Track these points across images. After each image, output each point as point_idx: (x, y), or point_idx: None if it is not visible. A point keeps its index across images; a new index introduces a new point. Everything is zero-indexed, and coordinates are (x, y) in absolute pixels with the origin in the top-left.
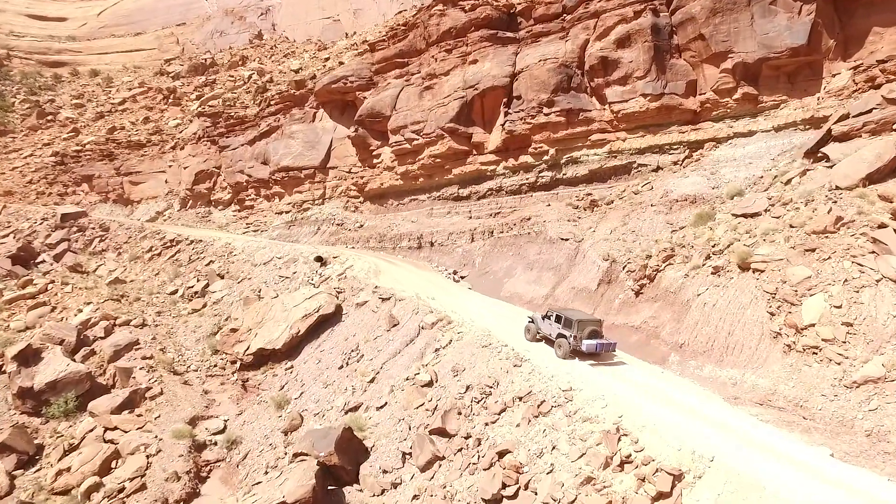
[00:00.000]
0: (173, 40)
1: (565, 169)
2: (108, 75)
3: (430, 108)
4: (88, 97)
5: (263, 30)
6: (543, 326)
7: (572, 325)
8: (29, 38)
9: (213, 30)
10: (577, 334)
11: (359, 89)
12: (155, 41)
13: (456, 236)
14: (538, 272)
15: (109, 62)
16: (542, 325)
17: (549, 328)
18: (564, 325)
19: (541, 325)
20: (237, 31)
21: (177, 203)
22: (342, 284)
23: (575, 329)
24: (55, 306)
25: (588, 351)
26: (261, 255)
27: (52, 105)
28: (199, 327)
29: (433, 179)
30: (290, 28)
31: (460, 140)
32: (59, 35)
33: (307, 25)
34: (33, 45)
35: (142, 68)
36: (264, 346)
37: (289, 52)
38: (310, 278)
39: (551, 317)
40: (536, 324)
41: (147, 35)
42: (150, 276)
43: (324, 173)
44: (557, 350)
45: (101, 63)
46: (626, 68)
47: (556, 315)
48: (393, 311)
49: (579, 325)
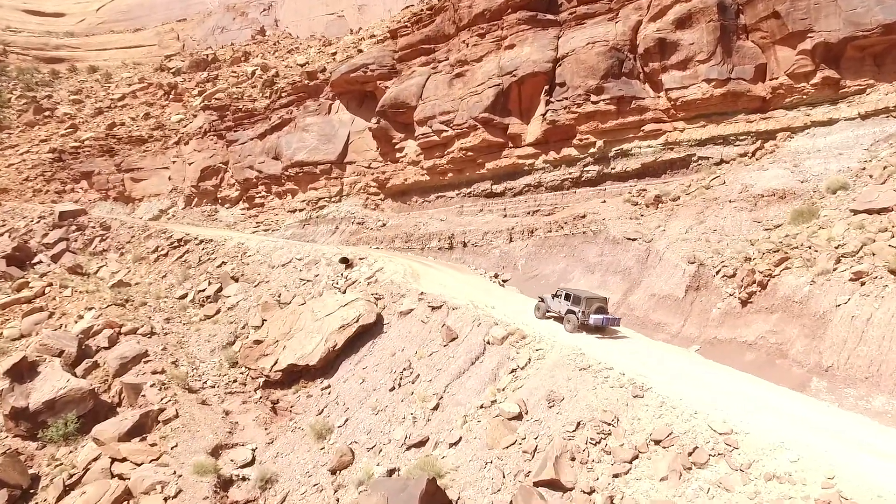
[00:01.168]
0: (173, 36)
1: (614, 163)
2: (106, 71)
3: (462, 97)
4: (87, 93)
5: (266, 26)
6: (553, 304)
7: (581, 301)
8: (26, 33)
9: (213, 26)
10: (585, 310)
11: (380, 78)
12: (155, 37)
13: (491, 236)
14: (601, 276)
15: (108, 58)
16: (551, 304)
17: (559, 306)
18: (573, 302)
19: (550, 303)
20: (239, 27)
21: (181, 201)
22: (379, 290)
23: (583, 305)
24: (53, 312)
25: (595, 325)
26: (278, 256)
27: (49, 101)
28: (214, 336)
29: (463, 174)
30: (294, 24)
31: (495, 132)
32: (56, 31)
33: (310, 21)
34: (30, 40)
35: (141, 64)
36: (296, 362)
37: (292, 48)
38: (334, 282)
39: (561, 295)
40: (546, 302)
41: (146, 31)
42: (157, 278)
43: (341, 168)
44: (567, 325)
45: (100, 59)
46: (686, 51)
47: (566, 293)
48: (448, 323)
49: (587, 302)
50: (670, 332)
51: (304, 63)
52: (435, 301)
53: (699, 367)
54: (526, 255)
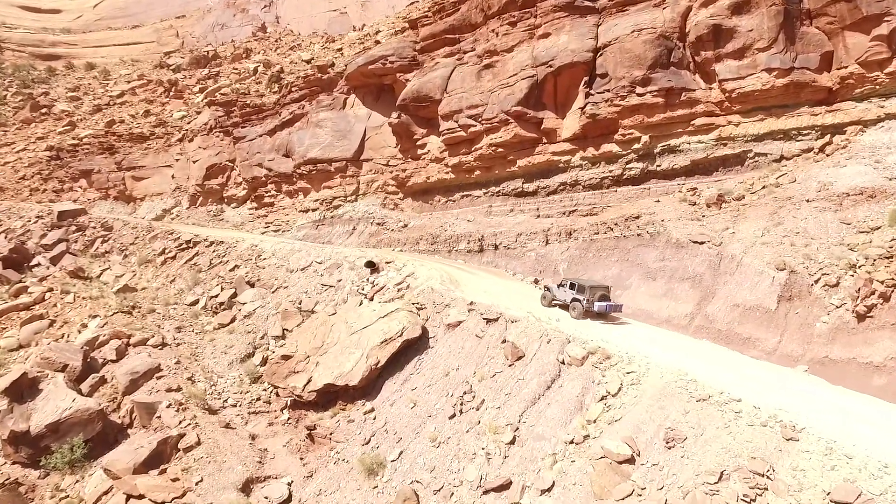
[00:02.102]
0: (172, 33)
1: (660, 159)
2: (104, 68)
3: (491, 90)
4: (84, 90)
5: (267, 23)
6: (559, 294)
7: (585, 290)
8: (22, 30)
9: (213, 22)
10: (590, 298)
11: (400, 70)
12: (153, 34)
13: (526, 238)
14: (666, 283)
15: (106, 55)
16: (557, 293)
17: (564, 294)
18: (578, 290)
19: (556, 292)
20: (239, 23)
21: (185, 200)
22: (420, 299)
23: (587, 293)
24: (54, 320)
25: (599, 311)
26: (296, 259)
27: (46, 98)
28: (231, 347)
29: (492, 172)
30: (295, 21)
31: (528, 126)
32: (53, 27)
33: (312, 18)
34: (26, 37)
35: (140, 62)
36: (333, 382)
37: (294, 45)
38: (359, 288)
39: (565, 285)
40: (552, 292)
41: (145, 28)
42: (165, 282)
43: (357, 166)
44: (572, 312)
45: (97, 56)
46: (744, 38)
47: (571, 283)
48: (510, 338)
49: (591, 291)
50: (764, 349)
51: (310, 59)
52: (489, 312)
53: (831, 396)
54: (568, 259)
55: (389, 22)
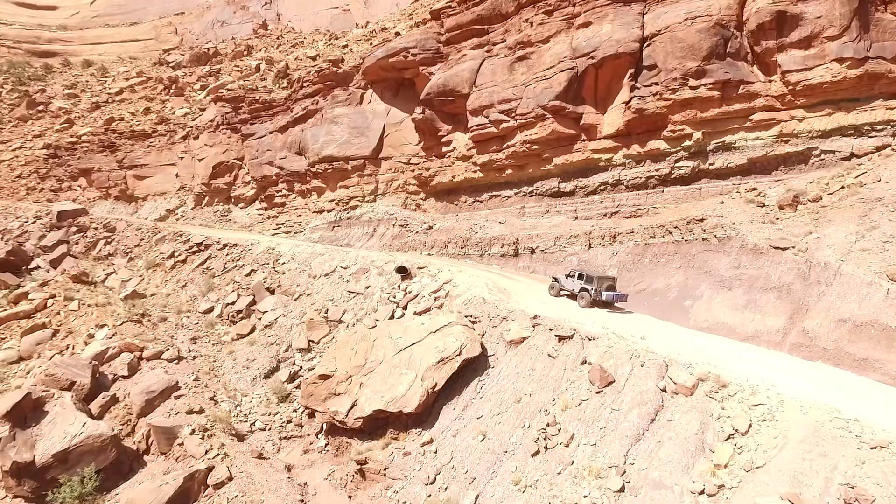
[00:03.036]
0: (171, 30)
1: (713, 157)
2: (102, 66)
3: (525, 83)
4: (82, 87)
5: (268, 20)
6: (567, 284)
7: (593, 280)
8: (17, 26)
9: (213, 20)
10: (598, 288)
11: (423, 64)
12: (152, 31)
13: (565, 241)
14: (745, 293)
15: (103, 52)
16: (565, 283)
17: (573, 285)
18: (586, 281)
19: (564, 283)
20: (239, 20)
21: (190, 200)
22: (471, 310)
23: (595, 284)
24: (57, 329)
25: (606, 300)
26: (319, 263)
27: (42, 95)
28: (253, 361)
29: (525, 171)
30: (297, 18)
31: (566, 122)
32: (49, 24)
33: (314, 15)
34: (22, 33)
35: (138, 59)
36: (384, 408)
37: (297, 42)
38: (390, 296)
39: (574, 275)
40: (560, 282)
41: (143, 25)
42: (175, 288)
43: (375, 164)
44: (580, 301)
45: (95, 53)
46: (811, 26)
47: (579, 273)
48: (591, 359)
49: (599, 281)
50: (889, 373)
51: (315, 56)
52: (560, 328)
53: None
54: (618, 265)
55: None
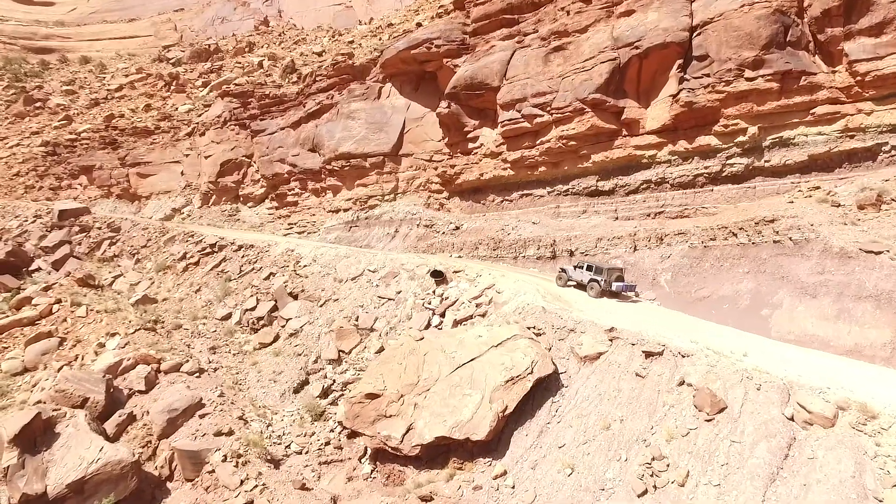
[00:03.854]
0: (170, 27)
1: (769, 154)
2: (100, 62)
3: (562, 76)
4: (80, 84)
5: (269, 16)
6: (575, 275)
7: (603, 272)
8: (13, 22)
9: (213, 16)
10: (607, 278)
11: (447, 55)
12: (151, 27)
13: (607, 243)
14: (836, 302)
15: (101, 49)
16: (573, 274)
17: (581, 276)
18: (596, 272)
19: (572, 274)
20: (240, 17)
21: (197, 198)
22: (530, 321)
23: (605, 275)
24: (64, 338)
25: (616, 290)
26: (344, 266)
27: (40, 91)
28: (280, 373)
29: (560, 168)
30: (298, 15)
31: (606, 116)
32: (46, 20)
33: (317, 12)
34: (18, 29)
35: (137, 56)
36: (449, 435)
37: (299, 39)
38: (425, 302)
39: (583, 267)
40: (568, 273)
41: (142, 21)
42: (189, 292)
43: (395, 162)
44: (590, 291)
45: (93, 50)
46: (884, 11)
47: (588, 265)
48: (691, 380)
49: (608, 272)
50: None
51: (321, 52)
52: (646, 342)
53: None
54: (672, 269)
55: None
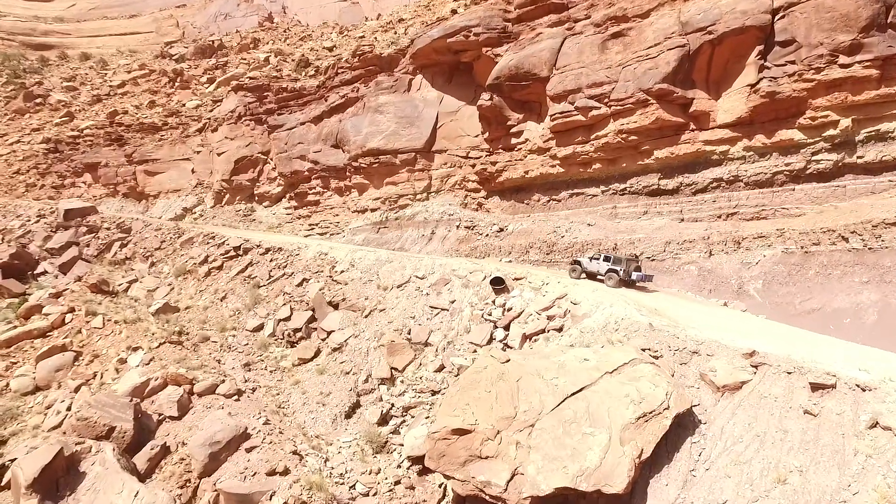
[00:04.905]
0: (172, 23)
1: (862, 149)
2: (101, 59)
3: (622, 64)
4: (81, 80)
5: (273, 13)
6: (590, 266)
7: (621, 262)
8: (11, 17)
9: (216, 12)
10: (626, 269)
11: (487, 44)
12: (152, 24)
13: (678, 248)
14: None
15: (102, 45)
16: (588, 265)
17: (597, 266)
18: (614, 262)
19: (587, 265)
20: (244, 13)
21: (209, 198)
22: (641, 341)
23: (623, 265)
24: (80, 352)
25: (636, 280)
26: (388, 272)
27: (40, 87)
28: (328, 395)
29: (617, 165)
30: (303, 11)
31: (672, 109)
32: (45, 16)
33: (322, 9)
34: (16, 25)
35: (138, 52)
36: (573, 486)
37: (304, 36)
38: (484, 312)
39: (599, 258)
40: (582, 265)
41: (143, 17)
42: (214, 300)
43: (427, 158)
44: (609, 281)
45: (93, 46)
46: None
47: (605, 256)
48: (888, 420)
49: (626, 262)
50: None
51: (332, 47)
52: (807, 370)
53: None
54: (763, 277)
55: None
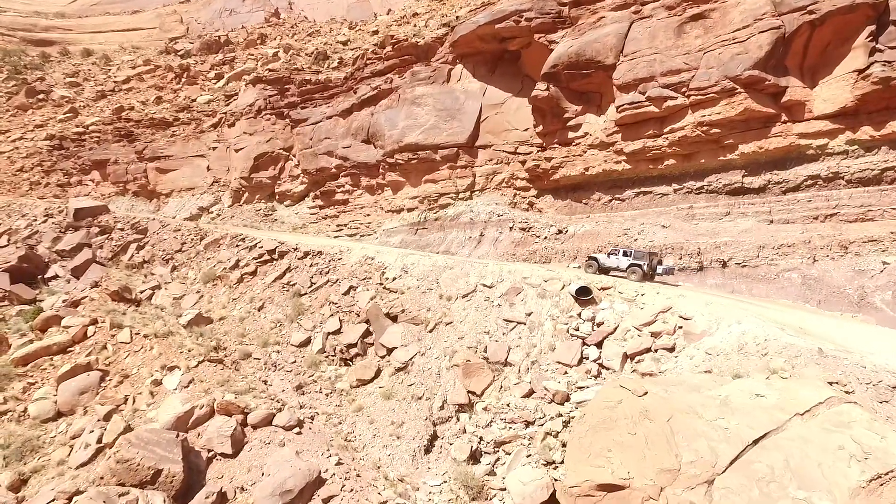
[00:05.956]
0: (176, 19)
1: None
2: (104, 54)
3: (704, 50)
4: (84, 76)
5: (279, 8)
6: (609, 261)
7: (644, 256)
8: (11, 13)
9: (221, 8)
10: (650, 263)
11: (539, 31)
12: (155, 20)
13: (773, 253)
14: None
15: (104, 41)
16: (606, 261)
17: (617, 262)
18: (636, 257)
19: (605, 261)
20: (249, 9)
21: (227, 196)
22: (836, 374)
23: (647, 259)
24: (106, 371)
25: (662, 273)
26: (449, 280)
27: (42, 83)
28: (400, 425)
29: (693, 161)
30: (310, 7)
31: (762, 98)
32: (45, 11)
33: (329, 4)
34: (16, 20)
35: (141, 48)
36: None
37: (313, 31)
38: (569, 327)
39: (618, 252)
40: (599, 261)
41: (146, 13)
42: (250, 310)
43: (471, 154)
44: (632, 276)
45: (95, 42)
46: None
47: (624, 251)
48: None
49: (650, 257)
50: None
51: (346, 41)
52: None
53: None
54: (893, 287)
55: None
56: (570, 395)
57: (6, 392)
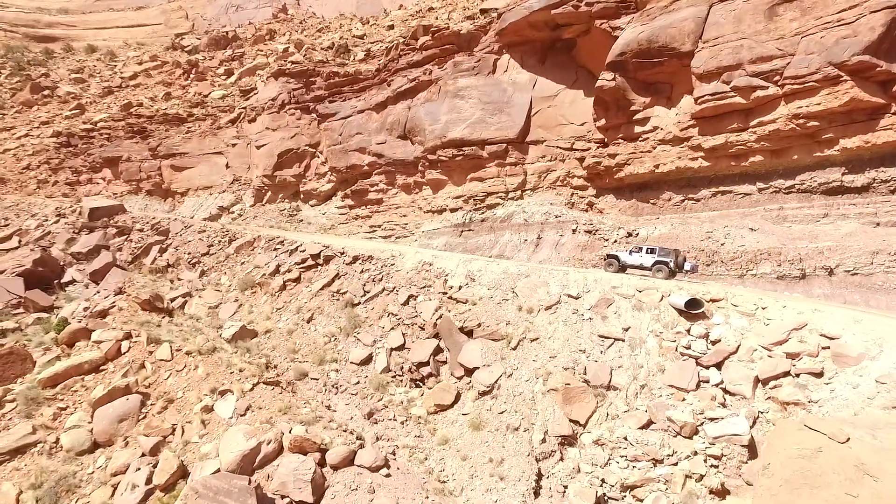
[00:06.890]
0: (181, 15)
1: None
2: (109, 51)
3: (802, 33)
4: (90, 72)
5: (287, 4)
6: (632, 259)
7: (670, 254)
8: (14, 8)
9: (227, 4)
10: (675, 260)
11: (602, 16)
12: (160, 16)
13: (888, 259)
14: None
15: (108, 38)
16: (629, 259)
17: (641, 259)
18: (661, 254)
19: (627, 259)
20: (256, 5)
21: (249, 195)
22: None
23: (672, 256)
24: (147, 394)
25: (688, 269)
26: (527, 289)
27: (47, 80)
28: (500, 463)
29: (783, 158)
30: (319, 2)
31: (870, 87)
32: (49, 7)
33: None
34: (20, 16)
35: (146, 45)
36: None
37: (322, 27)
38: (677, 344)
39: (641, 250)
40: (621, 259)
41: (151, 9)
42: (298, 321)
43: (521, 150)
44: (658, 273)
45: (99, 39)
46: None
47: (649, 248)
48: None
49: (674, 254)
50: None
51: (362, 35)
52: None
53: None
54: None
55: None
56: (697, 428)
57: (35, 420)
